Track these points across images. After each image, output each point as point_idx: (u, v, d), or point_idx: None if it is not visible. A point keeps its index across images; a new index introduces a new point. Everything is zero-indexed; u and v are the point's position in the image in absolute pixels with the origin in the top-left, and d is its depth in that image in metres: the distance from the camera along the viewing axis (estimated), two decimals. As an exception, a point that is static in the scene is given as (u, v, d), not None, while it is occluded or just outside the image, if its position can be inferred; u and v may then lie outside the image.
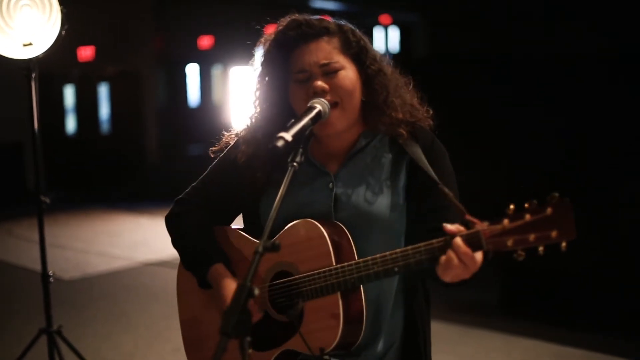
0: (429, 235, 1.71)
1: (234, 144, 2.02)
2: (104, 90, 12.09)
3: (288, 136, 1.64)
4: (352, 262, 1.74)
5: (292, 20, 1.89)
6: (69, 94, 12.11)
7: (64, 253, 7.23)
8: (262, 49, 1.94)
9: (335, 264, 1.76)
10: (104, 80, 11.98)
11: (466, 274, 1.61)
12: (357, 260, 1.73)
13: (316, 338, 1.77)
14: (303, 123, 1.71)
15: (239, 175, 1.96)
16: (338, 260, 1.76)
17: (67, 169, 11.32)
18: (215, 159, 2.06)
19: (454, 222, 1.63)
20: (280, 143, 1.62)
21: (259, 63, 1.95)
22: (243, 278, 1.46)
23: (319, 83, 1.83)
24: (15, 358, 3.55)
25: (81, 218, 9.43)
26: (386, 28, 14.50)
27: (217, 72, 12.77)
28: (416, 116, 1.93)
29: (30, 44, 3.31)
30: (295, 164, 1.65)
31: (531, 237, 1.50)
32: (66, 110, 12.11)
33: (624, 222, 4.40)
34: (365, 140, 1.93)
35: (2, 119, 10.13)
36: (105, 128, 12.17)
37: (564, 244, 1.49)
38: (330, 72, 1.83)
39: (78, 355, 3.59)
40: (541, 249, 1.51)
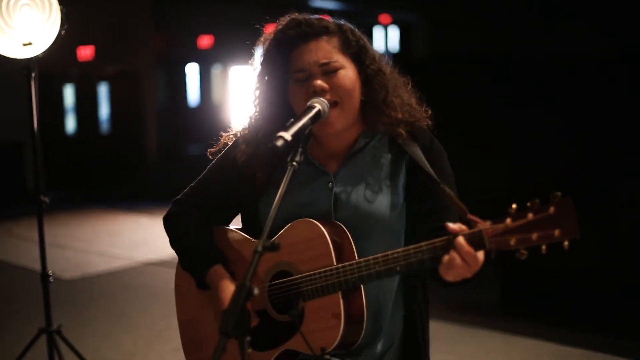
0: (429, 234, 1.70)
1: (233, 144, 2.02)
2: (103, 90, 12.08)
3: (287, 136, 1.63)
4: (353, 261, 1.73)
5: (292, 19, 1.89)
6: (69, 93, 12.11)
7: (64, 253, 7.22)
8: (262, 48, 1.94)
9: (335, 264, 1.75)
10: (103, 79, 11.97)
11: (468, 273, 1.61)
12: (359, 260, 1.72)
13: (317, 338, 1.77)
14: (302, 122, 1.70)
15: (239, 174, 1.96)
16: (339, 260, 1.76)
17: (66, 168, 11.32)
18: (214, 159, 2.06)
19: (455, 221, 1.63)
20: (280, 142, 1.62)
21: (259, 62, 1.95)
22: (242, 278, 1.46)
23: (318, 82, 1.82)
24: (15, 358, 3.55)
25: (81, 218, 9.42)
26: (386, 28, 14.49)
27: (216, 71, 12.76)
28: (415, 116, 1.93)
29: (29, 43, 3.31)
30: (294, 163, 1.65)
31: (534, 236, 1.50)
32: (66, 110, 12.10)
33: (624, 222, 4.40)
34: (365, 140, 1.93)
35: (1, 118, 10.13)
36: (105, 128, 12.16)
37: (566, 243, 1.49)
38: (329, 72, 1.83)
39: (78, 355, 3.59)
40: (544, 247, 1.51)
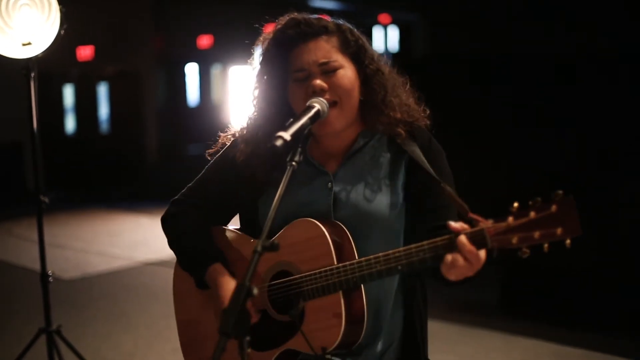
0: (428, 234, 1.70)
1: (232, 144, 2.02)
2: (103, 90, 12.08)
3: (287, 135, 1.63)
4: (354, 261, 1.73)
5: (291, 19, 1.89)
6: (69, 93, 12.10)
7: (64, 253, 7.22)
8: (261, 47, 1.94)
9: (336, 263, 1.75)
10: (103, 79, 11.97)
11: (470, 272, 1.61)
12: (360, 259, 1.72)
13: (318, 337, 1.77)
14: (302, 122, 1.70)
15: (237, 174, 1.95)
16: (339, 260, 1.76)
17: (66, 168, 11.31)
18: (212, 160, 2.06)
19: (454, 220, 1.63)
20: (279, 142, 1.61)
21: (258, 62, 1.95)
22: (242, 278, 1.46)
23: (317, 82, 1.82)
24: (15, 358, 3.54)
25: (81, 218, 9.42)
26: (385, 27, 14.48)
27: (216, 71, 12.75)
28: (413, 116, 1.93)
29: (29, 43, 3.31)
30: (294, 163, 1.64)
31: (536, 234, 1.51)
32: (65, 110, 12.10)
33: (624, 222, 4.40)
34: (364, 139, 1.93)
35: (1, 118, 10.13)
36: (104, 128, 12.16)
37: (568, 241, 1.49)
38: (329, 71, 1.83)
39: (77, 355, 3.59)
40: (546, 246, 1.51)
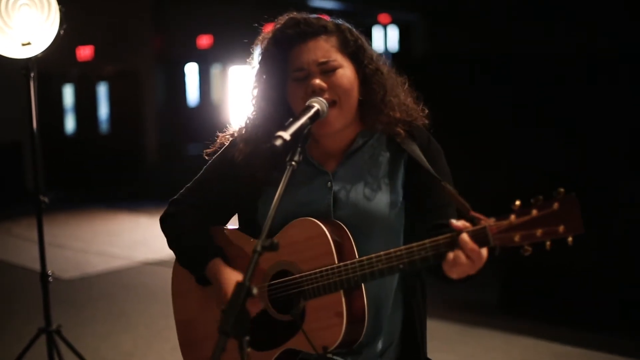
0: (428, 232, 1.71)
1: (230, 143, 2.01)
2: (103, 90, 12.07)
3: (286, 135, 1.63)
4: (355, 260, 1.73)
5: (290, 18, 1.89)
6: (68, 93, 12.09)
7: (63, 252, 7.22)
8: (260, 47, 1.94)
9: (337, 263, 1.75)
10: (103, 79, 11.96)
11: (472, 270, 1.62)
12: (361, 258, 1.72)
13: (319, 337, 1.77)
14: (301, 122, 1.70)
15: (236, 174, 1.95)
16: (340, 259, 1.76)
17: (66, 168, 11.31)
18: (210, 160, 2.06)
19: (455, 219, 1.63)
20: (279, 142, 1.61)
21: (257, 61, 1.95)
22: (242, 277, 1.46)
23: (317, 81, 1.82)
24: (15, 357, 3.54)
25: (80, 217, 9.42)
26: (385, 27, 14.47)
27: (216, 71, 12.75)
28: (412, 115, 1.93)
29: (28, 43, 3.31)
30: (293, 163, 1.64)
31: (538, 232, 1.51)
32: (65, 110, 12.09)
33: (623, 222, 4.39)
34: (363, 139, 1.93)
35: (1, 118, 10.13)
36: (104, 127, 12.16)
37: (570, 239, 1.50)
38: (328, 71, 1.83)
39: (77, 354, 3.59)
40: (548, 244, 1.51)
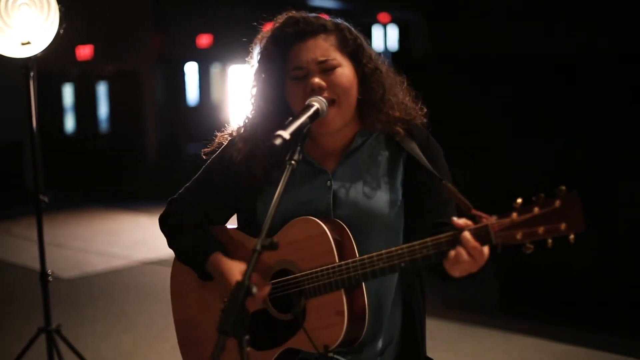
0: (428, 231, 1.71)
1: (229, 143, 2.01)
2: (102, 89, 12.06)
3: (286, 134, 1.63)
4: (357, 258, 1.74)
5: (290, 17, 1.89)
6: (68, 93, 12.09)
7: (63, 252, 7.22)
8: (259, 46, 1.94)
9: (338, 261, 1.76)
10: (102, 79, 11.96)
11: (474, 268, 1.62)
12: (362, 257, 1.73)
13: (320, 336, 1.77)
14: (301, 121, 1.70)
15: (235, 173, 1.95)
16: (341, 258, 1.77)
17: (66, 168, 11.30)
18: (208, 159, 2.05)
19: (455, 217, 1.63)
20: (278, 141, 1.61)
21: (256, 60, 1.94)
22: (241, 276, 1.46)
23: (316, 80, 1.82)
24: (15, 357, 3.54)
25: (80, 217, 9.42)
26: (385, 26, 14.46)
27: (216, 70, 12.74)
28: (411, 114, 1.93)
29: (28, 42, 3.31)
30: (293, 162, 1.64)
31: (540, 229, 1.51)
32: (65, 109, 12.09)
33: (623, 222, 4.39)
34: (362, 138, 1.93)
35: (0, 118, 10.12)
36: (104, 127, 12.15)
37: (572, 237, 1.50)
38: (327, 70, 1.83)
39: (77, 354, 3.59)
40: (550, 241, 1.52)
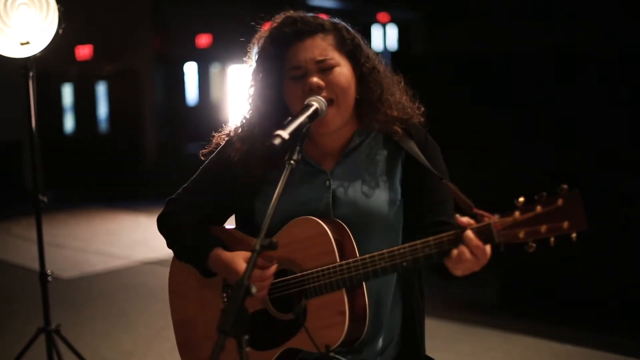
0: (427, 230, 1.70)
1: (226, 143, 2.01)
2: (102, 89, 12.06)
3: (285, 134, 1.62)
4: (358, 258, 1.74)
5: (287, 17, 1.89)
6: (67, 92, 12.09)
7: (63, 252, 7.21)
8: (257, 46, 1.94)
9: (339, 261, 1.76)
10: (102, 78, 11.94)
11: (477, 267, 1.62)
12: (364, 256, 1.73)
13: (321, 335, 1.77)
14: (300, 121, 1.70)
15: (233, 173, 1.94)
16: (341, 257, 1.77)
17: (65, 168, 11.30)
18: (206, 160, 2.05)
19: (453, 216, 1.64)
20: (277, 141, 1.61)
21: (254, 60, 1.94)
22: (241, 276, 1.46)
23: (314, 79, 1.82)
24: (14, 357, 3.54)
25: (79, 217, 9.41)
26: (384, 26, 14.46)
27: (215, 70, 12.73)
28: (409, 113, 1.93)
29: (27, 42, 3.31)
30: (292, 162, 1.64)
31: (543, 228, 1.51)
32: (64, 109, 12.08)
33: (623, 222, 4.39)
34: (360, 138, 1.93)
35: (0, 118, 10.12)
36: (103, 127, 12.14)
37: (574, 235, 1.50)
38: (325, 69, 1.83)
39: (77, 354, 3.58)
40: (552, 240, 1.52)
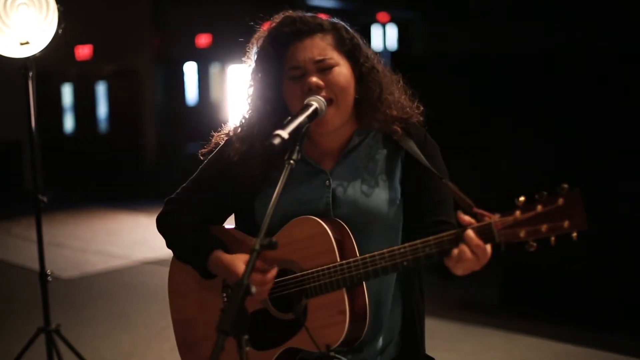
0: (427, 229, 1.70)
1: (226, 142, 2.00)
2: (102, 89, 12.05)
3: (284, 134, 1.62)
4: (358, 257, 1.74)
5: (286, 16, 1.89)
6: (67, 92, 12.08)
7: (63, 252, 7.21)
8: (256, 46, 1.94)
9: (339, 261, 1.76)
10: (101, 78, 11.94)
11: (477, 266, 1.62)
12: (364, 256, 1.73)
13: (322, 335, 1.77)
14: (300, 120, 1.70)
15: (233, 173, 1.94)
16: (342, 257, 1.77)
17: (65, 168, 11.30)
18: (205, 160, 2.04)
19: (452, 215, 1.64)
20: (277, 141, 1.60)
21: (253, 60, 1.94)
22: (241, 276, 1.46)
23: (314, 79, 1.82)
24: (14, 357, 3.54)
25: (79, 217, 9.41)
26: (384, 26, 14.46)
27: (215, 70, 12.73)
28: (408, 112, 1.93)
29: (27, 42, 3.31)
30: (292, 161, 1.64)
31: (543, 227, 1.52)
32: (64, 109, 12.08)
33: (623, 222, 4.39)
34: (359, 137, 1.93)
35: (0, 118, 10.12)
36: (103, 127, 12.14)
37: (574, 234, 1.51)
38: (324, 69, 1.83)
39: (77, 354, 3.58)
40: (553, 239, 1.52)
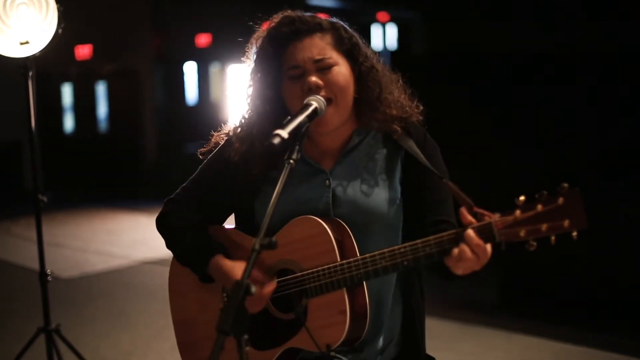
0: (427, 229, 1.70)
1: (225, 142, 2.00)
2: (102, 89, 12.05)
3: (284, 133, 1.62)
4: (359, 257, 1.74)
5: (285, 16, 1.88)
6: (67, 92, 12.08)
7: (63, 252, 7.21)
8: (255, 45, 1.94)
9: (339, 260, 1.76)
10: (101, 78, 11.94)
11: (477, 266, 1.62)
12: (364, 256, 1.73)
13: (322, 335, 1.77)
14: (299, 120, 1.69)
15: (232, 173, 1.94)
16: (342, 257, 1.77)
17: (65, 167, 11.30)
18: (205, 159, 2.04)
19: (452, 215, 1.64)
20: (277, 140, 1.60)
21: (252, 60, 1.94)
22: (240, 276, 1.46)
23: (313, 79, 1.82)
24: (14, 357, 3.54)
25: (79, 217, 9.41)
26: (384, 26, 14.46)
27: (215, 70, 12.73)
28: (407, 112, 1.93)
29: (27, 42, 3.30)
30: (291, 161, 1.64)
31: (543, 227, 1.52)
32: (64, 109, 12.08)
33: (623, 222, 4.39)
34: (359, 137, 1.93)
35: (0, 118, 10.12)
36: (103, 126, 12.14)
37: (575, 234, 1.51)
38: (324, 68, 1.83)
39: (77, 354, 3.58)
40: (553, 238, 1.52)
